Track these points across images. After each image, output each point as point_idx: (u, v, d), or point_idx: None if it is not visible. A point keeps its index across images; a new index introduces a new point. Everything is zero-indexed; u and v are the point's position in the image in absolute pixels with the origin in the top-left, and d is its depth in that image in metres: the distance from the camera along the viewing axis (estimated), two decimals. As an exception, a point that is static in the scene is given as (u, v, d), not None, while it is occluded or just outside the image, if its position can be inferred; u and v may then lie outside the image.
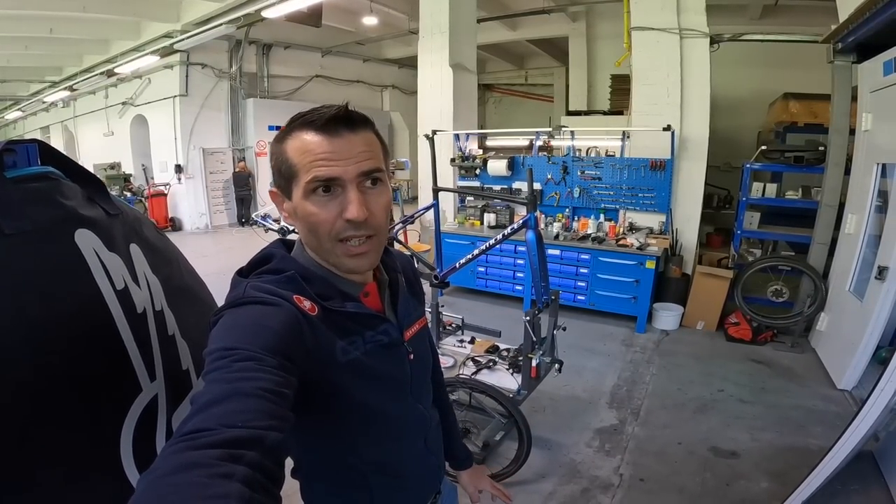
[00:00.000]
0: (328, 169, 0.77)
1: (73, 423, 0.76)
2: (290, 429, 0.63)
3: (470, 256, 2.96)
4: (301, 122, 0.79)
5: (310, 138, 0.78)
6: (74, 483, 0.77)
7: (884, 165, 3.69)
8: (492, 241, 2.91)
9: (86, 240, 0.84)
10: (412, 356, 0.99)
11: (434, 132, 4.50)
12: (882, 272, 3.36)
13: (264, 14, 6.97)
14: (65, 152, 0.90)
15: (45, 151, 0.85)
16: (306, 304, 0.81)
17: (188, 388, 1.06)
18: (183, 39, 8.30)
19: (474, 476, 1.35)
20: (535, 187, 3.03)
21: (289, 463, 0.97)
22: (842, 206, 4.39)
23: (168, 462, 0.50)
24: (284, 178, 0.81)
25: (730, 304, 4.87)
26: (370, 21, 9.94)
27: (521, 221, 2.77)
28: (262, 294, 0.78)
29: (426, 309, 1.19)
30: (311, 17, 8.19)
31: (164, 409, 0.97)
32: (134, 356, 0.90)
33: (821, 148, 4.60)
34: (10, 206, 0.73)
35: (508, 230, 2.87)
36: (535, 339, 2.75)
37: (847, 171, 4.32)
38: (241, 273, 0.87)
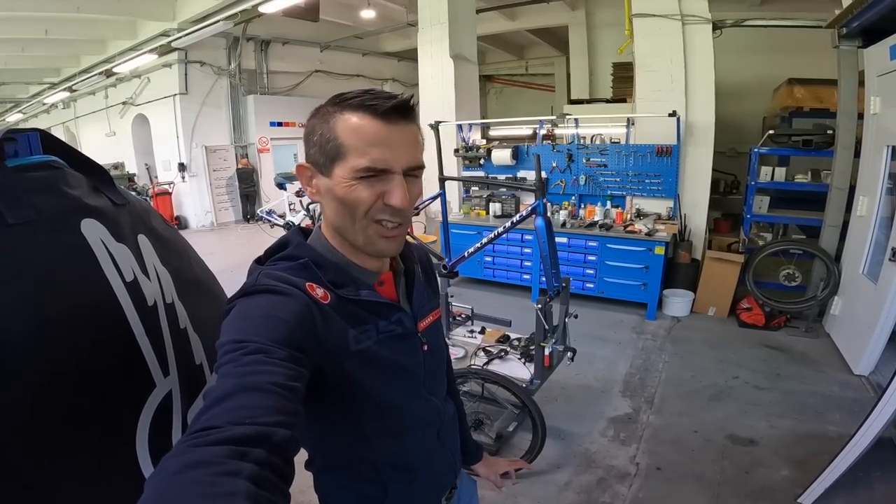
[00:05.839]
0: (384, 159, 0.76)
1: (86, 421, 0.73)
2: (302, 421, 0.62)
3: (479, 245, 2.92)
4: (358, 103, 0.76)
5: (367, 122, 0.76)
6: (90, 480, 0.75)
7: (894, 148, 3.66)
8: (500, 229, 2.86)
9: (93, 230, 0.80)
10: (426, 347, 0.97)
11: (437, 122, 4.45)
12: (896, 254, 3.31)
13: (261, 10, 6.90)
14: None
15: (48, 140, 0.82)
16: (319, 291, 0.80)
17: (202, 383, 1.03)
18: (180, 38, 8.23)
19: (489, 464, 1.35)
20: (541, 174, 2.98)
21: (303, 455, 0.94)
22: (852, 188, 4.34)
23: (175, 461, 0.50)
24: (327, 155, 0.78)
25: (741, 290, 4.82)
26: (368, 14, 9.90)
27: (529, 208, 2.73)
28: (274, 282, 0.77)
29: None
30: (309, 12, 8.09)
31: (178, 404, 0.94)
32: (146, 351, 0.87)
33: (829, 132, 4.54)
34: (13, 196, 0.70)
35: (517, 217, 2.82)
36: (547, 327, 2.71)
37: (856, 154, 4.28)
38: (259, 261, 0.86)
